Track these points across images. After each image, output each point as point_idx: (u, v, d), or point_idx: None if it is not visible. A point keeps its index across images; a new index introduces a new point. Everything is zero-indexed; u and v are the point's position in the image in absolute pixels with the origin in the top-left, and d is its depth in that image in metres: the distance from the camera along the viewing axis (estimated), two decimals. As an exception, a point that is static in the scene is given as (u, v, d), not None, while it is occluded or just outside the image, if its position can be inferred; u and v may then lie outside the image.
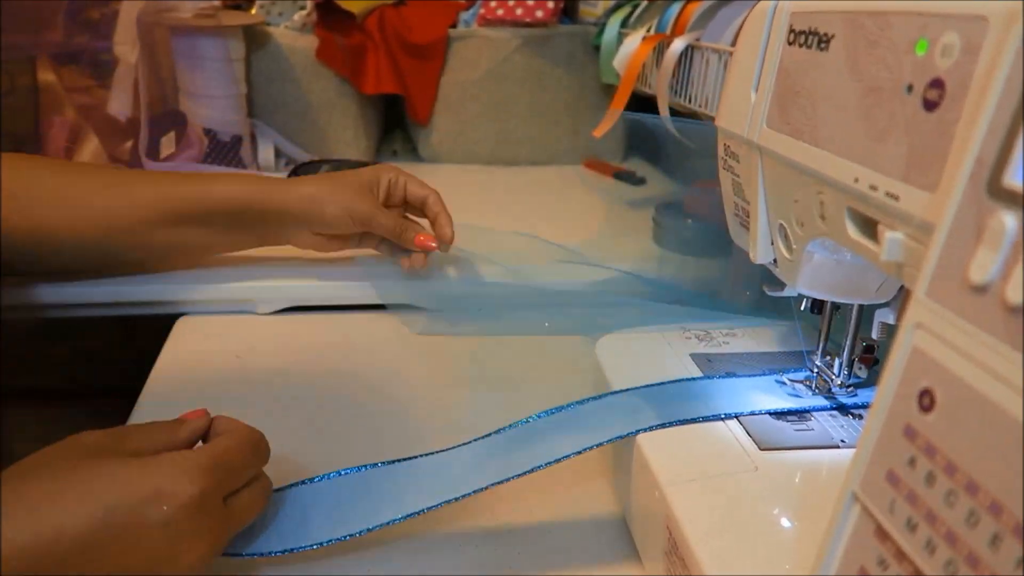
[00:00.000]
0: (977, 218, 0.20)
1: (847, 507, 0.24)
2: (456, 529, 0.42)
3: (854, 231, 0.31)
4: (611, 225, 0.82)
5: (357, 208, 0.59)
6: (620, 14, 0.93)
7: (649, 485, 0.36)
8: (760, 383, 0.42)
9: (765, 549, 0.31)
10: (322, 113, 0.98)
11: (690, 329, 0.48)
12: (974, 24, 0.23)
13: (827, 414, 0.39)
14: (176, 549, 0.32)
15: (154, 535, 0.31)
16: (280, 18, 0.97)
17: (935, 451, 0.21)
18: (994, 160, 0.20)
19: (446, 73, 1.00)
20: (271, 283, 0.65)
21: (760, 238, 0.40)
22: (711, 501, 0.33)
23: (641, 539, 0.39)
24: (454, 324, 0.64)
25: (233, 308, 0.64)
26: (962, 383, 0.20)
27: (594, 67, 1.00)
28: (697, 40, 0.70)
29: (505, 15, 0.97)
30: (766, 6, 0.37)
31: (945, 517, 0.20)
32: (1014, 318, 0.19)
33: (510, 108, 1.01)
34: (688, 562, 0.31)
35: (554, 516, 0.43)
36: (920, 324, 0.22)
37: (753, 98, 0.38)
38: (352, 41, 0.95)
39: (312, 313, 0.65)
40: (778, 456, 0.36)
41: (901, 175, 0.26)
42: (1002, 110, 0.20)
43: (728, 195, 0.44)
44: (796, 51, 0.34)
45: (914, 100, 0.26)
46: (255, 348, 0.60)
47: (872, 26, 0.29)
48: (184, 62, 0.87)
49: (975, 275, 0.20)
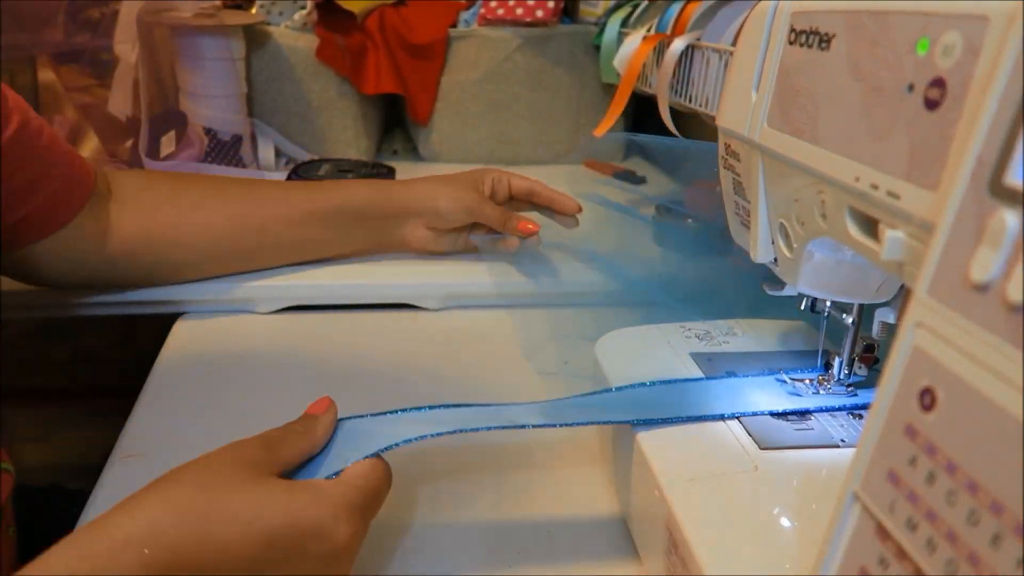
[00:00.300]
0: (978, 217, 0.20)
1: (848, 507, 0.24)
2: (456, 529, 0.42)
3: (855, 230, 0.31)
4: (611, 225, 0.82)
5: (466, 200, 0.66)
6: (620, 14, 0.93)
7: (649, 485, 0.36)
8: (761, 382, 0.42)
9: (765, 549, 0.31)
10: (322, 113, 0.98)
11: (690, 328, 0.48)
12: (975, 23, 0.23)
13: (827, 414, 0.39)
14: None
15: (308, 565, 0.33)
16: (280, 18, 0.97)
17: (936, 450, 0.21)
18: (995, 159, 0.20)
19: (446, 73, 1.00)
20: (271, 283, 0.65)
21: (760, 237, 0.40)
22: (711, 501, 0.33)
23: (641, 539, 0.39)
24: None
25: (233, 308, 0.64)
26: (963, 382, 0.20)
27: (594, 67, 1.00)
28: (697, 40, 0.70)
29: (505, 15, 0.97)
30: (767, 6, 0.37)
31: (946, 516, 0.20)
32: (1015, 317, 0.19)
33: (510, 108, 1.01)
34: (688, 562, 0.31)
35: (554, 516, 0.43)
36: (921, 323, 0.22)
37: (754, 97, 0.38)
38: (352, 41, 0.95)
39: (312, 313, 0.65)
40: (778, 456, 0.36)
41: (902, 174, 0.26)
42: (1003, 109, 0.20)
43: (728, 194, 0.44)
44: (797, 51, 0.34)
45: (915, 99, 0.26)
46: (255, 348, 0.60)
47: (873, 26, 0.29)
48: (184, 62, 0.87)
49: (976, 274, 0.20)
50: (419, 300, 0.67)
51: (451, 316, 0.66)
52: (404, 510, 0.43)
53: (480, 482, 0.45)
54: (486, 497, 0.44)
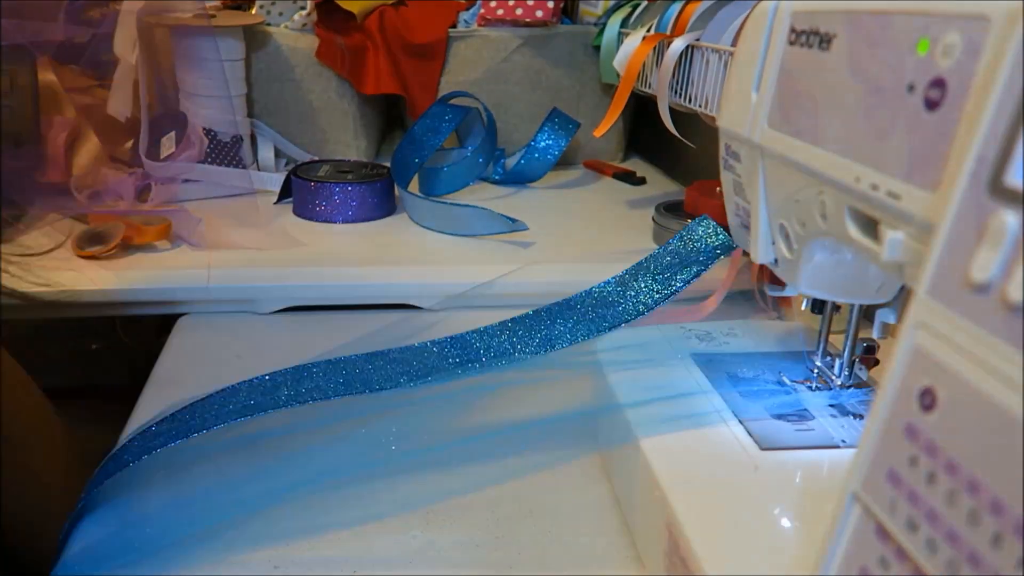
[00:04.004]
0: (978, 217, 0.20)
1: (848, 507, 0.24)
2: (456, 529, 0.41)
3: (855, 231, 0.31)
4: (611, 225, 0.82)
5: None
6: (620, 14, 0.93)
7: (649, 485, 0.36)
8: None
9: (765, 549, 0.31)
10: (322, 113, 0.98)
11: (691, 328, 0.48)
12: (975, 24, 0.23)
13: (827, 414, 0.39)
14: None
15: None
16: (280, 18, 0.97)
17: (936, 450, 0.21)
18: (995, 159, 0.20)
19: (446, 73, 1.00)
20: (271, 283, 0.64)
21: (761, 238, 0.40)
22: (711, 501, 0.33)
23: (641, 539, 0.39)
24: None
25: (233, 308, 0.64)
26: (963, 382, 0.20)
27: (594, 67, 1.00)
28: (697, 40, 0.70)
29: (505, 15, 0.97)
30: (767, 6, 0.37)
31: (946, 516, 0.20)
32: (1015, 317, 0.19)
33: (510, 108, 1.01)
34: (688, 562, 0.31)
35: (554, 516, 0.43)
36: (921, 323, 0.22)
37: (754, 98, 0.38)
38: (352, 41, 0.95)
39: (312, 313, 0.65)
40: (778, 456, 0.36)
41: (902, 174, 0.26)
42: (1003, 110, 0.20)
43: (729, 195, 0.44)
44: (797, 51, 0.34)
45: (915, 100, 0.26)
46: (255, 348, 0.60)
47: (873, 26, 0.29)
48: (184, 62, 0.87)
49: (976, 274, 0.20)
50: (419, 300, 0.67)
51: (451, 316, 0.66)
52: (403, 510, 0.43)
53: (479, 482, 0.45)
54: (485, 497, 0.44)
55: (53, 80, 0.84)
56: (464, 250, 0.73)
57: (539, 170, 0.96)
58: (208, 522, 0.40)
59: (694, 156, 0.93)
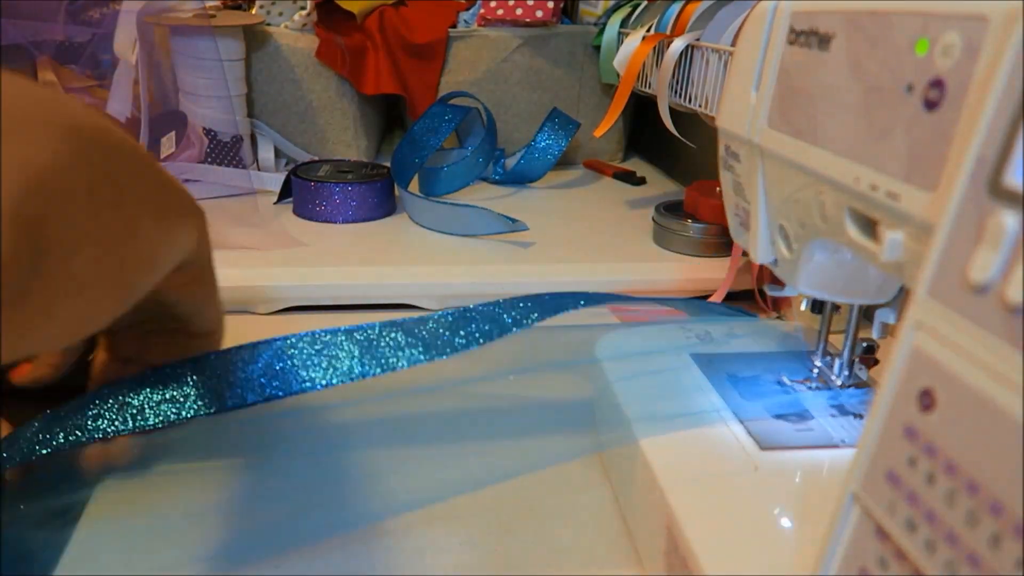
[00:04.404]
0: (977, 218, 0.20)
1: (847, 507, 0.24)
2: (456, 529, 0.41)
3: (854, 231, 0.31)
4: (611, 225, 0.82)
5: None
6: (620, 14, 0.93)
7: (649, 485, 0.36)
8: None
9: (765, 549, 0.31)
10: (322, 113, 0.98)
11: (690, 328, 0.48)
12: (975, 24, 0.23)
13: (827, 414, 0.39)
14: None
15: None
16: (280, 18, 0.97)
17: (935, 451, 0.21)
18: (994, 160, 0.20)
19: (446, 73, 1.00)
20: (271, 283, 0.64)
21: (760, 238, 0.40)
22: (711, 501, 0.33)
23: (641, 539, 0.39)
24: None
25: (233, 308, 0.64)
26: (962, 383, 0.20)
27: (594, 67, 1.00)
28: (697, 40, 0.70)
29: (505, 15, 0.97)
30: (766, 6, 0.37)
31: (945, 517, 0.20)
32: (1014, 318, 0.19)
33: (510, 108, 1.01)
34: (688, 562, 0.31)
35: (554, 516, 0.43)
36: (920, 324, 0.22)
37: (753, 98, 0.38)
38: (352, 41, 0.95)
39: (312, 313, 0.65)
40: (778, 456, 0.36)
41: (902, 175, 0.26)
42: (1002, 110, 0.20)
43: (728, 195, 0.44)
44: (796, 51, 0.34)
45: (914, 100, 0.26)
46: (255, 348, 0.59)
47: (872, 26, 0.29)
48: (184, 62, 0.87)
49: (975, 275, 0.20)
50: (419, 300, 0.67)
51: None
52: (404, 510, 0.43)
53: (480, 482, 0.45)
54: (486, 497, 0.44)
55: (53, 80, 0.84)
56: (464, 250, 0.73)
57: (539, 170, 0.96)
58: (207, 523, 0.40)
59: (694, 156, 0.93)
